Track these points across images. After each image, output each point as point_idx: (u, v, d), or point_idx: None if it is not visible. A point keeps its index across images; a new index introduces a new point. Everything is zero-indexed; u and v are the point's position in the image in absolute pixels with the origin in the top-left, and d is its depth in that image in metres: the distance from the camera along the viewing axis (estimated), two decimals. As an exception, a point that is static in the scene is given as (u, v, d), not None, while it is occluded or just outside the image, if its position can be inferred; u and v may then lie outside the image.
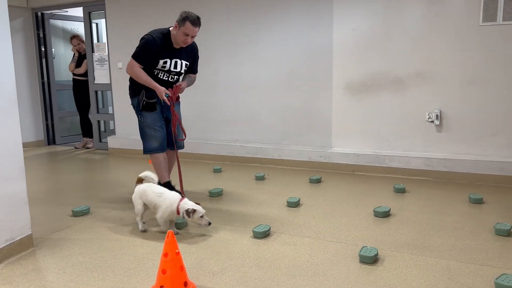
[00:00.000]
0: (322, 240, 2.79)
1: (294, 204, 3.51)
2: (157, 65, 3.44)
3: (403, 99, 4.49)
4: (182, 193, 3.24)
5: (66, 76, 7.09)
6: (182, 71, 3.61)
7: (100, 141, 6.67)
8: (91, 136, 6.74)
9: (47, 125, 7.05)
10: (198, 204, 2.86)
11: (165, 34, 3.41)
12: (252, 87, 5.26)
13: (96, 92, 6.56)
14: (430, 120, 4.38)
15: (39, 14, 6.83)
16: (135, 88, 3.55)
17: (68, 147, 6.89)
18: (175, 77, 3.58)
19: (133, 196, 3.02)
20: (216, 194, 3.85)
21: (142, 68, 3.41)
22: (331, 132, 4.89)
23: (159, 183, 3.19)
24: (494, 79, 4.10)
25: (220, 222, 3.19)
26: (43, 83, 6.95)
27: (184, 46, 3.44)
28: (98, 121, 6.65)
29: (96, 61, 6.42)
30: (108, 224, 3.19)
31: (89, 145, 6.72)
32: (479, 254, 2.53)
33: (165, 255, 2.10)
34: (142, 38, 3.41)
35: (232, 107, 5.39)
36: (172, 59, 3.47)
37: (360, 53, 4.63)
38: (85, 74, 6.54)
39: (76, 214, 3.36)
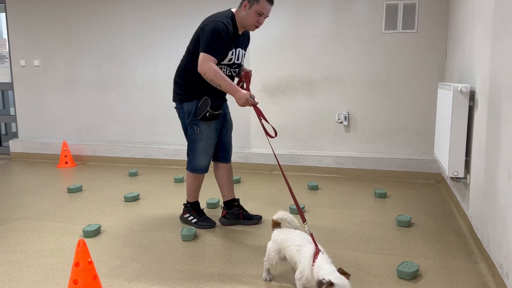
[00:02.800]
0: (241, 239, 2.84)
1: (213, 206, 3.52)
2: (224, 59, 2.82)
3: (315, 101, 4.72)
4: (303, 219, 2.26)
5: (-42, 74, 6.40)
6: (242, 62, 3.00)
7: (1, 145, 6.13)
8: (-10, 140, 6.18)
9: None
10: (345, 274, 1.85)
11: (232, 18, 2.80)
12: (169, 88, 5.16)
13: (-5, 92, 6.02)
14: (339, 121, 4.66)
15: None
16: (193, 90, 2.88)
17: (-38, 152, 6.24)
18: (237, 70, 2.98)
19: (270, 245, 2.30)
20: (132, 199, 3.72)
21: None
22: (250, 133, 4.98)
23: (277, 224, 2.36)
24: (394, 82, 4.48)
25: (138, 227, 3.11)
26: None
27: (253, 30, 2.86)
28: (-2, 124, 6.11)
29: (-6, 58, 5.89)
30: (12, 235, 2.94)
31: (-12, 150, 6.16)
32: (383, 245, 2.75)
33: (76, 264, 2.01)
34: (205, 26, 2.74)
35: (149, 108, 5.25)
36: (236, 48, 2.88)
37: (275, 56, 4.77)
38: (-18, 72, 5.98)
39: (-28, 226, 3.07)
